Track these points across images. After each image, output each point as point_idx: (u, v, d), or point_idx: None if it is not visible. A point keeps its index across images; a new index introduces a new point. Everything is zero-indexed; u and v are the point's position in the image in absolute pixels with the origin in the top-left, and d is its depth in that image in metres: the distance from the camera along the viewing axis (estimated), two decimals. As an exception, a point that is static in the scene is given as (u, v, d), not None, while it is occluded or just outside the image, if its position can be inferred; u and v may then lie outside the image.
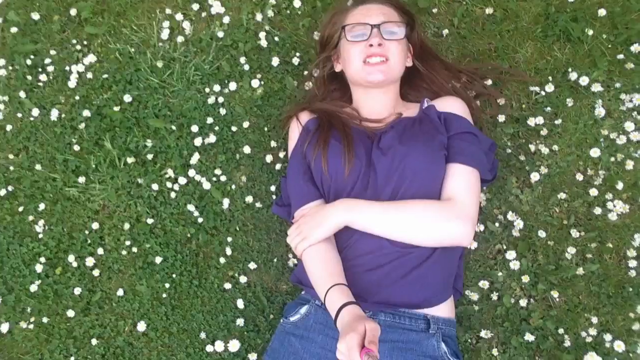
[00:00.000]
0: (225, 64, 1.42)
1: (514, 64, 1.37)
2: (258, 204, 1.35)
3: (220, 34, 1.44)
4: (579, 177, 1.29)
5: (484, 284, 1.25)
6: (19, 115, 1.47)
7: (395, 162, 1.10)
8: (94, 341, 1.32)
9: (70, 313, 1.34)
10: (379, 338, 0.88)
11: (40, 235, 1.39)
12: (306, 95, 1.37)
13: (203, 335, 1.30)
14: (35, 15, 1.52)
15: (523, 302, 1.23)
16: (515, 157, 1.31)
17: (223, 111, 1.40)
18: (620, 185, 1.27)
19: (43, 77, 1.48)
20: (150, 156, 1.39)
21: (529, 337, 1.20)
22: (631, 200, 1.26)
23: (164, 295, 1.32)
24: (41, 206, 1.40)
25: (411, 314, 1.08)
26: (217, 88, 1.41)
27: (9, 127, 1.47)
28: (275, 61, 1.41)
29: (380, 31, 1.14)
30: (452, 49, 1.39)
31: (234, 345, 1.25)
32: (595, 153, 1.29)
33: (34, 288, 1.36)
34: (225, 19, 1.46)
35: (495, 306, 1.24)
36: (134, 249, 1.35)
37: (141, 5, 1.49)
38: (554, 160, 1.30)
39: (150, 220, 1.36)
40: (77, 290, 1.34)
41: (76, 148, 1.42)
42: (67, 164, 1.41)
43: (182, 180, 1.37)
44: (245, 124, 1.39)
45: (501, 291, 1.25)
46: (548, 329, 1.21)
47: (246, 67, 1.42)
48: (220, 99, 1.41)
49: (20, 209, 1.41)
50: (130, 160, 1.39)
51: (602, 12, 1.37)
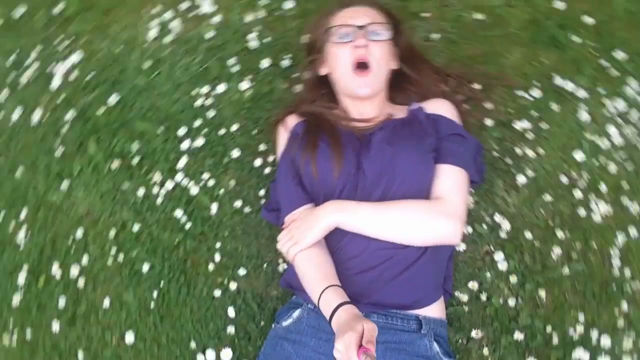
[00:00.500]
0: (214, 64, 1.37)
1: (502, 69, 1.36)
2: (247, 209, 1.30)
3: (210, 35, 1.38)
4: (564, 180, 1.29)
5: (473, 285, 1.24)
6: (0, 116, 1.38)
7: (385, 164, 1.08)
8: (80, 354, 1.25)
9: (55, 326, 1.26)
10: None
11: (22, 245, 1.30)
12: (295, 99, 1.33)
13: (193, 344, 1.25)
14: (18, 11, 1.42)
15: (511, 302, 1.23)
16: (501, 161, 1.31)
17: (211, 113, 1.34)
18: (603, 187, 1.27)
19: (25, 77, 1.39)
20: (136, 160, 1.32)
21: (518, 336, 1.20)
22: (614, 202, 1.27)
23: (152, 304, 1.26)
24: (23, 213, 1.32)
25: (403, 314, 1.07)
26: (206, 90, 1.36)
27: (-14, 130, 1.38)
28: (264, 63, 1.36)
29: (365, 32, 1.12)
30: (441, 53, 1.37)
31: (226, 354, 1.21)
32: (579, 156, 1.29)
33: (16, 300, 1.28)
34: (215, 19, 1.40)
35: (484, 306, 1.24)
36: (120, 257, 1.29)
37: (129, 2, 1.42)
38: (540, 163, 1.30)
39: (136, 227, 1.30)
40: (62, 302, 1.27)
41: (59, 152, 1.34)
42: (50, 169, 1.33)
43: (169, 184, 1.31)
44: (234, 127, 1.34)
45: (490, 292, 1.24)
46: (536, 327, 1.21)
47: (235, 69, 1.36)
48: (209, 101, 1.35)
49: (1, 217, 1.32)
50: (115, 164, 1.32)
51: (589, 20, 1.37)
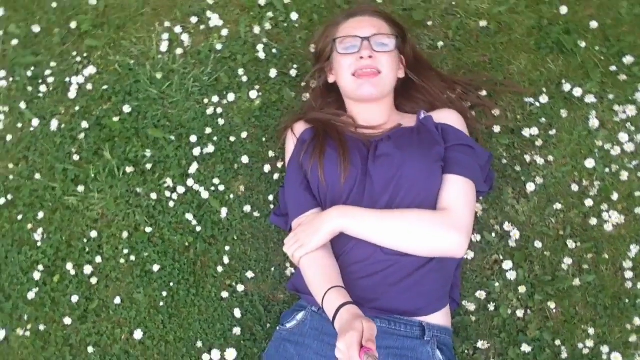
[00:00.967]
0: (224, 75, 1.38)
1: (509, 76, 1.33)
2: (256, 214, 1.29)
3: (219, 47, 1.40)
4: (575, 188, 1.23)
5: (481, 295, 1.19)
6: (19, 125, 1.42)
7: (392, 171, 1.06)
8: (90, 349, 1.26)
9: (67, 321, 1.28)
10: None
11: (39, 244, 1.33)
12: (303, 106, 1.33)
13: (200, 344, 1.23)
14: (36, 28, 1.47)
15: (520, 313, 1.17)
16: (511, 168, 1.26)
17: (221, 122, 1.35)
18: (615, 196, 1.21)
19: (43, 88, 1.44)
20: (149, 166, 1.34)
21: (526, 349, 1.14)
22: (626, 211, 1.21)
23: (161, 303, 1.26)
24: (40, 215, 1.35)
25: (406, 320, 1.04)
26: (216, 99, 1.37)
27: (9, 137, 1.42)
28: (273, 73, 1.36)
29: (370, 43, 1.11)
30: (447, 61, 1.35)
31: (231, 354, 1.19)
32: (590, 164, 1.24)
33: (31, 295, 1.30)
34: (224, 32, 1.41)
35: (492, 317, 1.19)
36: (132, 258, 1.29)
37: (141, 18, 1.45)
38: (550, 170, 1.25)
39: (148, 229, 1.30)
40: (75, 298, 1.28)
41: (75, 158, 1.37)
42: (67, 174, 1.36)
43: (181, 189, 1.32)
44: (244, 135, 1.33)
45: (498, 302, 1.19)
46: (545, 340, 1.15)
47: (244, 79, 1.37)
48: (219, 110, 1.36)
49: (20, 217, 1.36)
50: (129, 169, 1.34)
51: (594, 25, 1.33)
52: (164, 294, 1.26)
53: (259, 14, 1.42)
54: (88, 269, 1.29)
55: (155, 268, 1.27)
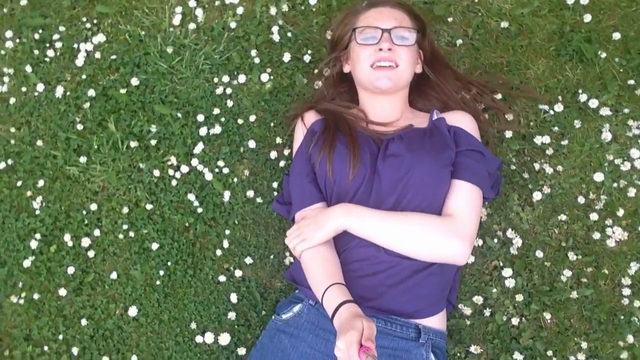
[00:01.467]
0: (236, 55, 1.31)
1: (525, 80, 1.26)
2: (259, 199, 1.24)
3: (233, 25, 1.32)
4: (581, 200, 1.19)
5: (478, 300, 1.16)
6: (24, 89, 1.35)
7: (401, 172, 1.01)
8: (83, 321, 1.22)
9: (62, 292, 1.24)
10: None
11: (37, 212, 1.28)
12: (315, 94, 1.26)
13: (194, 325, 1.20)
14: (47, -11, 1.39)
15: (515, 321, 1.14)
16: (519, 175, 1.21)
17: (230, 103, 1.29)
18: (620, 212, 1.17)
19: (50, 53, 1.36)
20: (153, 142, 1.28)
21: (517, 356, 1.12)
22: (630, 228, 1.17)
23: (158, 282, 1.22)
24: (40, 182, 1.29)
25: (403, 322, 1.01)
26: (226, 79, 1.30)
27: (12, 100, 1.35)
28: (286, 57, 1.29)
29: (390, 36, 1.06)
30: (465, 59, 1.29)
31: (224, 339, 1.16)
32: (598, 177, 1.19)
33: (27, 263, 1.25)
34: (239, 10, 1.33)
35: (486, 322, 1.15)
36: (131, 234, 1.25)
37: (155, -13, 1.36)
38: (557, 180, 1.20)
39: (149, 206, 1.25)
40: (71, 270, 1.24)
41: (79, 127, 1.30)
42: (69, 143, 1.30)
43: (184, 168, 1.26)
44: (252, 118, 1.27)
45: (494, 308, 1.16)
46: (537, 349, 1.13)
47: (257, 61, 1.30)
48: (229, 90, 1.29)
49: (19, 183, 1.30)
50: (133, 144, 1.28)
51: (617, 36, 1.26)
52: (161, 272, 1.22)
53: (277, -5, 1.34)
54: (86, 242, 1.25)
55: (154, 246, 1.23)
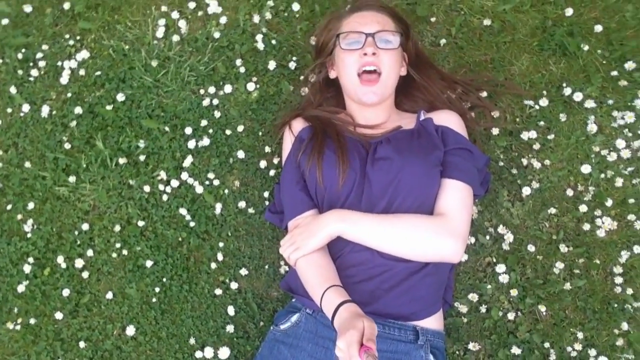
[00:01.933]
0: (221, 65, 1.27)
1: (510, 77, 1.24)
2: (251, 210, 1.21)
3: (217, 35, 1.28)
4: (569, 193, 1.17)
5: (473, 297, 1.14)
6: (9, 110, 1.31)
7: (391, 175, 0.99)
8: (81, 344, 1.19)
9: (58, 315, 1.20)
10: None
11: (29, 235, 1.24)
12: (301, 101, 1.23)
13: (192, 340, 1.17)
14: (27, 8, 1.34)
15: (511, 316, 1.13)
16: (507, 171, 1.20)
17: (217, 114, 1.25)
18: (609, 202, 1.16)
19: (34, 72, 1.32)
20: (142, 157, 1.24)
21: (515, 350, 1.10)
22: (619, 217, 1.16)
23: (154, 299, 1.19)
24: (30, 205, 1.25)
25: (400, 324, 0.99)
26: (212, 90, 1.26)
27: (-3, 123, 1.30)
28: (271, 64, 1.26)
29: (374, 40, 1.03)
30: (449, 58, 1.26)
31: (224, 352, 1.13)
32: (586, 169, 1.18)
33: (21, 288, 1.22)
34: (222, 19, 1.30)
35: (483, 319, 1.14)
36: (124, 252, 1.21)
37: (136, 1, 1.33)
38: (546, 174, 1.19)
39: (141, 223, 1.22)
40: (66, 292, 1.20)
41: (67, 146, 1.26)
42: (58, 162, 1.26)
43: (175, 183, 1.23)
44: (240, 128, 1.24)
45: (490, 304, 1.14)
46: (534, 342, 1.11)
47: (242, 70, 1.27)
48: (215, 101, 1.26)
49: (9, 207, 1.26)
50: (122, 160, 1.24)
51: (599, 28, 1.24)
52: (157, 289, 1.19)
53: (259, 2, 1.30)
54: (79, 262, 1.21)
55: (148, 263, 1.20)
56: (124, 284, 1.20)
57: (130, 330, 1.17)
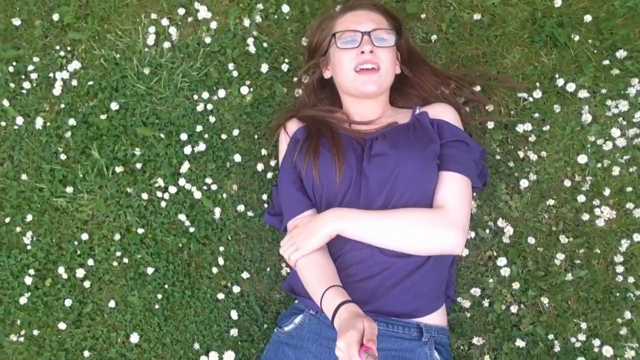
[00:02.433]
0: (214, 70, 1.24)
1: (502, 70, 1.22)
2: (250, 213, 1.19)
3: (208, 40, 1.26)
4: (567, 183, 1.15)
5: (476, 291, 1.12)
6: (3, 123, 1.28)
7: (388, 171, 0.97)
8: (86, 353, 1.16)
9: (61, 325, 1.18)
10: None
11: (29, 247, 1.21)
12: (296, 103, 1.20)
13: (197, 345, 1.14)
14: (16, 21, 1.30)
15: (514, 309, 1.10)
16: (504, 164, 1.17)
17: (212, 119, 1.22)
18: (607, 191, 1.13)
19: (26, 85, 1.28)
20: (139, 165, 1.21)
21: (519, 343, 1.08)
22: (618, 206, 1.14)
23: (157, 306, 1.16)
24: (28, 217, 1.22)
25: (404, 322, 0.97)
26: (206, 95, 1.23)
27: (-8, 137, 1.27)
28: (264, 67, 1.23)
29: (371, 38, 1.01)
30: (441, 54, 1.24)
31: (229, 356, 1.11)
32: (582, 159, 1.15)
33: (23, 300, 1.19)
34: (213, 24, 1.27)
35: (486, 313, 1.11)
36: (125, 260, 1.18)
37: (125, 9, 1.29)
38: (542, 166, 1.16)
39: (140, 230, 1.19)
40: (68, 302, 1.18)
41: (63, 157, 1.23)
42: (54, 174, 1.23)
43: (172, 189, 1.20)
44: (235, 132, 1.21)
45: (492, 298, 1.12)
46: (538, 334, 1.09)
47: (235, 74, 1.24)
48: (209, 106, 1.23)
49: (7, 220, 1.23)
50: (118, 169, 1.21)
51: (588, 18, 1.22)
52: (159, 296, 1.16)
53: (249, 6, 1.27)
54: (80, 272, 1.18)
55: (149, 270, 1.17)
56: (126, 291, 1.18)
57: (134, 338, 1.14)
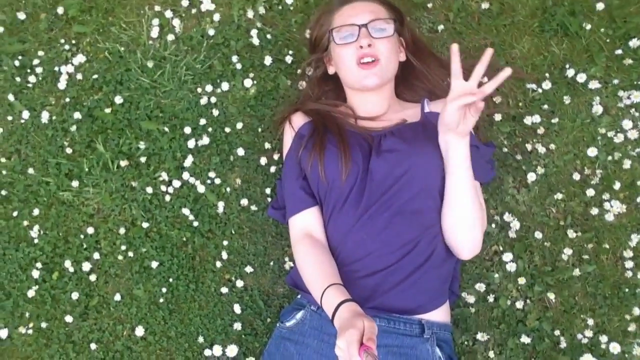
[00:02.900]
0: (217, 62, 1.21)
1: (511, 60, 1.17)
2: (253, 207, 1.16)
3: (211, 32, 1.22)
4: (576, 177, 1.10)
5: (481, 287, 1.09)
6: (9, 118, 1.26)
7: (396, 169, 0.95)
8: (92, 346, 1.15)
9: (68, 318, 1.17)
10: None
11: (36, 240, 1.20)
12: (300, 96, 1.17)
13: (201, 339, 1.13)
14: (21, 15, 1.28)
15: (519, 304, 1.07)
16: (511, 157, 1.13)
17: (216, 112, 1.19)
18: (617, 185, 1.09)
19: (32, 79, 1.26)
20: (143, 159, 1.19)
21: (525, 339, 1.05)
22: (628, 200, 1.09)
23: (161, 299, 1.15)
24: (35, 211, 1.21)
25: (406, 318, 0.95)
26: (210, 88, 1.20)
27: (-1, 131, 1.25)
28: (268, 60, 1.20)
29: (368, 30, 0.97)
30: (448, 45, 1.18)
31: (232, 350, 1.10)
32: (592, 152, 1.11)
33: (31, 293, 1.18)
34: (216, 16, 1.23)
35: (491, 308, 1.08)
36: (130, 254, 1.17)
37: (129, 1, 1.26)
38: (551, 159, 1.12)
39: (145, 224, 1.17)
40: (75, 295, 1.17)
41: (68, 151, 1.22)
42: (60, 168, 1.21)
43: (177, 183, 1.18)
44: (239, 125, 1.18)
45: (497, 293, 1.09)
46: (544, 330, 1.06)
47: (238, 66, 1.20)
48: (213, 99, 1.20)
49: (15, 213, 1.22)
50: (123, 163, 1.19)
51: (600, 6, 1.16)
52: (164, 289, 1.15)
53: (252, -3, 1.23)
54: (87, 266, 1.17)
55: (154, 264, 1.16)
56: (132, 285, 1.17)
57: (140, 331, 1.13)
